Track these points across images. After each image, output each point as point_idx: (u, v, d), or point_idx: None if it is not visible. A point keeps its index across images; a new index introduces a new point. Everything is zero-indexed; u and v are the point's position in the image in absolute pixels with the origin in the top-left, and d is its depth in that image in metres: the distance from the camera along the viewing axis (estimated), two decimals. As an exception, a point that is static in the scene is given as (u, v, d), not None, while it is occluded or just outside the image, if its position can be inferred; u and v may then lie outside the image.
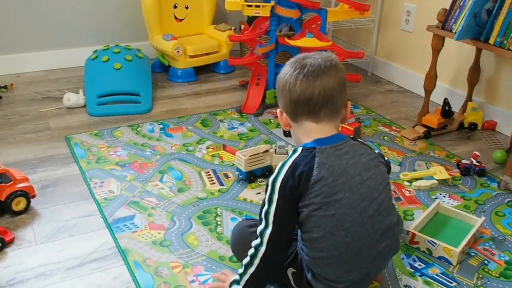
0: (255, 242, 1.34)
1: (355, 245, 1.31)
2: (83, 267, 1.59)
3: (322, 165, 1.28)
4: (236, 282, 1.38)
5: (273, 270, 1.37)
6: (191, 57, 3.15)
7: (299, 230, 1.36)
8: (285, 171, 1.30)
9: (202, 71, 3.26)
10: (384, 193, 1.35)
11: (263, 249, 1.32)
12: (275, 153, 2.14)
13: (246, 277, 1.36)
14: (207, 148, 2.32)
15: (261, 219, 1.33)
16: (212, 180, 2.06)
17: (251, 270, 1.35)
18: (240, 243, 1.54)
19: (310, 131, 1.35)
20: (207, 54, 3.23)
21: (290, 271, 1.45)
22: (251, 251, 1.34)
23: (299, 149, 1.33)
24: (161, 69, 3.25)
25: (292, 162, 1.31)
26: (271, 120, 2.64)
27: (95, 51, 2.94)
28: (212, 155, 2.26)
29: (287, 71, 1.34)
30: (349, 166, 1.31)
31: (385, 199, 1.36)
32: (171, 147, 2.32)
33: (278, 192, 1.30)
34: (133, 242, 1.69)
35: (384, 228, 1.34)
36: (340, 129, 2.36)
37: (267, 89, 2.77)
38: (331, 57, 1.35)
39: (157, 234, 1.74)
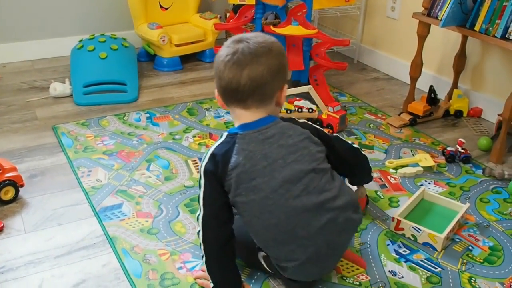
0: (198, 229, 1.40)
1: (285, 226, 1.33)
2: (71, 255, 1.59)
3: (241, 152, 1.31)
4: None
5: (218, 252, 1.38)
6: (177, 46, 3.14)
7: None
8: (208, 157, 1.34)
9: (188, 60, 3.25)
10: (312, 173, 1.35)
11: (201, 233, 1.39)
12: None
13: (205, 264, 1.40)
14: (194, 136, 2.33)
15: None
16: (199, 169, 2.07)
17: (204, 256, 1.40)
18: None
19: (239, 116, 1.36)
20: (192, 42, 3.22)
21: (260, 255, 1.48)
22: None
23: (224, 135, 1.37)
24: (147, 58, 3.23)
25: (215, 148, 1.35)
26: (258, 109, 2.64)
27: (81, 41, 2.92)
28: (199, 144, 2.26)
29: (220, 54, 1.32)
30: (272, 150, 1.33)
31: (314, 178, 1.35)
32: (158, 136, 2.32)
33: (204, 177, 1.35)
34: (121, 230, 1.70)
35: (317, 205, 1.34)
36: (325, 117, 2.41)
37: (254, 78, 2.76)
38: (267, 41, 1.32)
39: (145, 222, 1.74)
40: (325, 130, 1.54)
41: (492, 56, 2.62)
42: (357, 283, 1.51)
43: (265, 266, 1.48)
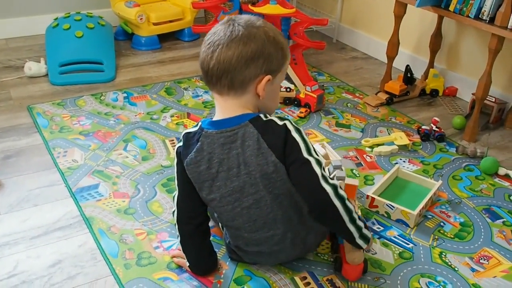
0: (173, 208, 1.43)
1: (236, 224, 1.39)
2: (48, 235, 1.60)
3: (200, 151, 1.29)
4: None
5: (192, 232, 1.41)
6: (155, 24, 3.11)
7: None
8: (180, 142, 1.35)
9: (166, 39, 3.22)
10: (264, 192, 1.30)
11: (175, 213, 1.41)
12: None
13: (180, 244, 1.44)
14: (172, 116, 2.32)
15: None
16: (177, 148, 2.07)
17: (178, 236, 1.43)
18: None
19: (216, 104, 1.31)
20: (171, 21, 3.19)
21: None
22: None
23: (199, 124, 1.33)
24: (125, 37, 3.20)
25: (188, 132, 1.34)
26: (236, 88, 2.64)
27: (56, 19, 2.87)
28: (177, 123, 2.26)
29: (208, 32, 1.27)
30: (230, 157, 1.27)
31: (264, 196, 1.31)
32: (135, 115, 2.31)
33: (176, 157, 1.36)
34: (97, 211, 1.70)
35: (265, 220, 1.36)
36: (303, 96, 2.42)
37: (232, 57, 2.75)
38: (253, 25, 1.23)
39: (122, 202, 1.75)
40: (298, 138, 1.27)
41: (467, 36, 2.65)
42: (331, 259, 1.54)
43: None
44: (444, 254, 1.61)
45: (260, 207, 1.33)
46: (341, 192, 1.28)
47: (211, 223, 1.48)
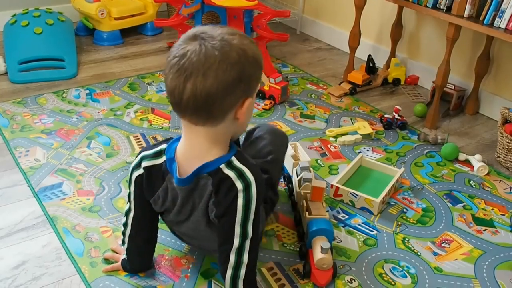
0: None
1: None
2: (11, 236, 1.57)
3: (165, 190, 1.27)
4: None
5: (140, 244, 1.42)
6: (116, 19, 3.06)
7: None
8: (139, 170, 1.28)
9: (129, 34, 3.18)
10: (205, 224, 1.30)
11: (128, 229, 1.39)
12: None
13: (124, 247, 1.42)
14: (135, 112, 2.30)
15: None
16: (141, 144, 2.06)
17: (126, 244, 1.42)
18: None
19: (186, 134, 1.20)
20: (133, 15, 3.14)
21: None
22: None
23: (162, 157, 1.24)
24: (86, 33, 3.14)
25: (146, 169, 1.27)
26: (201, 82, 2.63)
27: (14, 15, 2.80)
28: (141, 119, 2.24)
29: (171, 51, 1.10)
30: (189, 201, 1.26)
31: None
32: (98, 112, 2.29)
33: (133, 185, 1.32)
34: (61, 210, 1.68)
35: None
36: (267, 88, 2.43)
37: (195, 51, 2.74)
38: (227, 42, 1.07)
39: (86, 201, 1.73)
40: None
41: (426, 25, 2.70)
42: (297, 249, 1.56)
43: None
44: (407, 239, 1.64)
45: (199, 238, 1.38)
46: (242, 271, 1.23)
47: None
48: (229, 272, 1.23)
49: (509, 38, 1.98)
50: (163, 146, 1.26)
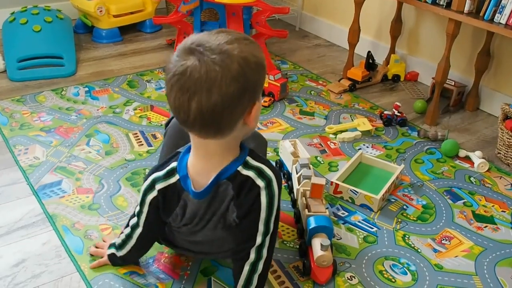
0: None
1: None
2: (10, 235, 1.56)
3: (183, 208, 1.25)
4: (113, 245, 1.43)
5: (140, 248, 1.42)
6: (115, 16, 3.06)
7: None
8: (154, 192, 1.26)
9: (128, 31, 3.17)
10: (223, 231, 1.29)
11: (130, 243, 1.38)
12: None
13: (122, 253, 1.41)
14: (135, 109, 2.30)
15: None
16: (140, 142, 2.05)
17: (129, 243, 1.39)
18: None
19: (196, 146, 1.18)
20: (131, 13, 3.14)
21: None
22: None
23: (175, 175, 1.22)
24: (85, 30, 3.14)
25: (161, 192, 1.25)
26: (200, 79, 2.62)
27: (13, 13, 2.79)
28: (140, 116, 2.24)
29: (168, 68, 1.06)
30: (208, 211, 1.25)
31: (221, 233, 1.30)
32: (98, 110, 2.28)
33: (147, 207, 1.29)
34: (61, 208, 1.67)
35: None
36: (266, 85, 2.42)
37: (194, 48, 2.73)
38: (227, 53, 1.03)
39: (85, 198, 1.72)
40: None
41: (426, 21, 2.69)
42: (297, 246, 1.56)
43: None
44: (407, 236, 1.64)
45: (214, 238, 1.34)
46: (260, 266, 1.25)
47: None
48: (246, 268, 1.24)
49: (509, 33, 1.98)
50: (174, 164, 1.22)
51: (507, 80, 2.40)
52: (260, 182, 1.18)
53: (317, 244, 1.43)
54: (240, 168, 1.18)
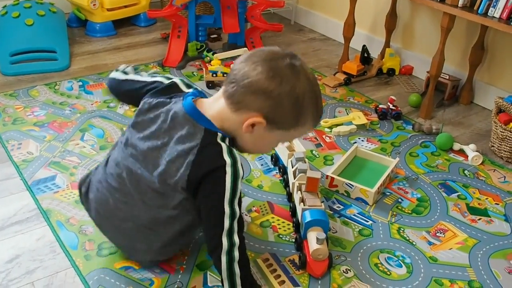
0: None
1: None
2: (4, 230, 1.56)
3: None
4: None
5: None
6: (109, 10, 3.04)
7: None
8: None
9: (122, 25, 3.15)
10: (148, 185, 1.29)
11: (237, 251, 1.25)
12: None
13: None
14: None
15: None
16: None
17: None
18: None
19: (212, 100, 1.30)
20: (126, 6, 3.12)
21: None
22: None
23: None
24: (78, 24, 3.12)
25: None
26: (194, 73, 2.62)
27: (4, 7, 2.77)
28: (134, 111, 2.22)
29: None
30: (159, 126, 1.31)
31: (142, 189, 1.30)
32: (92, 104, 2.27)
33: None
34: (55, 203, 1.67)
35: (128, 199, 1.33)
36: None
37: (188, 41, 2.73)
38: (284, 58, 1.20)
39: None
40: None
41: (420, 15, 2.69)
42: (293, 240, 1.56)
43: None
44: (402, 229, 1.65)
45: (135, 187, 1.30)
46: (235, 253, 1.21)
47: None
48: (223, 259, 1.21)
49: (503, 27, 1.98)
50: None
51: (501, 73, 2.40)
52: (228, 159, 1.19)
53: (313, 238, 1.43)
54: (219, 135, 1.22)
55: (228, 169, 1.19)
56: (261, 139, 1.25)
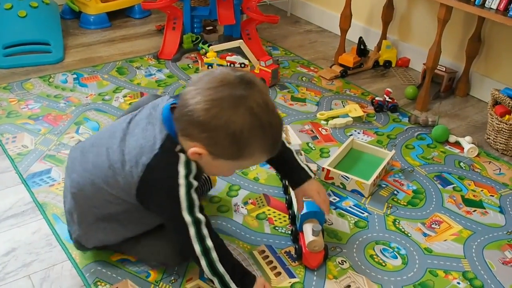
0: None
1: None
2: (0, 224, 1.56)
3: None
4: None
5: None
6: (103, 1, 3.01)
7: None
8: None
9: (116, 16, 3.13)
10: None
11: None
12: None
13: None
14: (124, 96, 2.27)
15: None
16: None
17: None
18: None
19: None
20: (120, -2, 3.11)
21: None
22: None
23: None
24: (72, 16, 3.09)
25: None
26: (189, 65, 2.61)
27: (-3, -2, 2.75)
28: (130, 104, 2.22)
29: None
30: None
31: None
32: (86, 97, 2.26)
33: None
34: (51, 196, 1.66)
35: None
36: (257, 71, 2.41)
37: (184, 33, 2.71)
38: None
39: (76, 186, 1.71)
40: None
41: (417, 6, 2.68)
42: (289, 232, 1.56)
43: None
44: (398, 221, 1.65)
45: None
46: (213, 255, 1.21)
47: None
48: (202, 262, 1.21)
49: (500, 19, 1.97)
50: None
51: (497, 65, 2.40)
52: (182, 170, 1.17)
53: (309, 230, 1.43)
54: (178, 147, 1.19)
55: (182, 181, 1.18)
56: (212, 166, 1.22)
